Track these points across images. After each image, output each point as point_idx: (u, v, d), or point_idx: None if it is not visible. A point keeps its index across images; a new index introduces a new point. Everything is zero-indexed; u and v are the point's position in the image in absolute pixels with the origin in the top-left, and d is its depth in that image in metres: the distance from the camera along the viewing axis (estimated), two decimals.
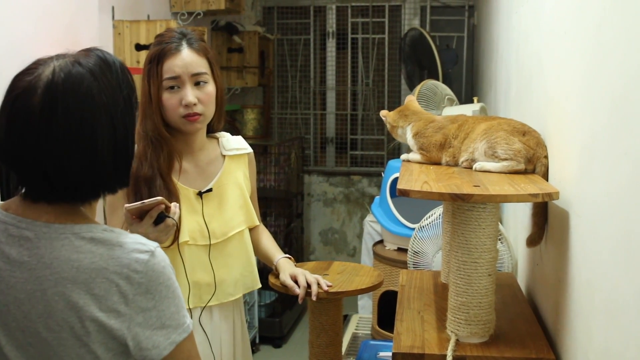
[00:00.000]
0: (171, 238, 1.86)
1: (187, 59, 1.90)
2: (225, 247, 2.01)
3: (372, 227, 4.04)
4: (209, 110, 1.96)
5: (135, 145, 1.90)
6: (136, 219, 1.70)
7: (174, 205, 1.73)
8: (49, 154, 1.18)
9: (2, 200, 1.33)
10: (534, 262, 1.96)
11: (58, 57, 1.24)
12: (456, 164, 1.88)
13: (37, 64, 1.23)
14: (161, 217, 1.70)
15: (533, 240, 1.78)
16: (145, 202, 1.67)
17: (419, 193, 1.53)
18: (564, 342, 1.52)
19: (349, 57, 6.05)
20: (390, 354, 2.68)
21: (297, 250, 5.60)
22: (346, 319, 3.76)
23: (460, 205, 1.56)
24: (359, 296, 4.07)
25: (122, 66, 1.31)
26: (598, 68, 1.30)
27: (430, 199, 1.53)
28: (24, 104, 1.19)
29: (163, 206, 1.69)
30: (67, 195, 1.24)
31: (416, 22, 5.78)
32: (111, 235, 1.24)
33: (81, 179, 1.22)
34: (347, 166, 6.13)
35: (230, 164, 2.08)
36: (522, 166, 1.72)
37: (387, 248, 3.44)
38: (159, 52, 1.90)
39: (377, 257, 3.42)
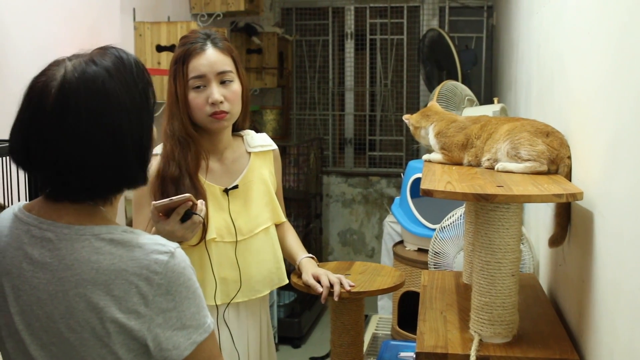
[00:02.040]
0: (198, 236, 1.87)
1: (212, 57, 1.92)
2: (251, 243, 2.02)
3: (392, 227, 4.03)
4: (235, 109, 1.97)
5: (162, 145, 1.92)
6: (163, 217, 1.71)
7: (200, 203, 1.74)
8: (66, 152, 1.19)
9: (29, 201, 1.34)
10: (557, 262, 1.95)
11: (72, 57, 1.25)
12: (478, 164, 1.88)
13: (52, 66, 1.24)
14: (188, 214, 1.71)
15: (555, 241, 1.78)
16: (172, 199, 1.68)
17: (443, 193, 1.53)
18: (588, 343, 1.52)
19: (368, 58, 6.04)
20: (411, 354, 2.69)
21: (315, 251, 5.60)
22: (366, 319, 3.77)
23: (484, 206, 1.56)
24: (379, 296, 4.07)
25: (137, 62, 1.31)
26: (622, 67, 1.30)
27: (454, 199, 1.53)
28: (38, 105, 1.20)
29: (190, 203, 1.70)
30: (87, 192, 1.25)
31: (435, 23, 5.77)
32: (131, 236, 1.24)
33: (99, 175, 1.23)
34: (366, 167, 6.13)
35: (255, 160, 2.09)
36: (544, 167, 1.72)
37: (407, 249, 3.44)
38: (184, 52, 1.92)
39: (398, 257, 3.42)
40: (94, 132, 1.20)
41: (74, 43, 2.88)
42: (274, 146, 2.16)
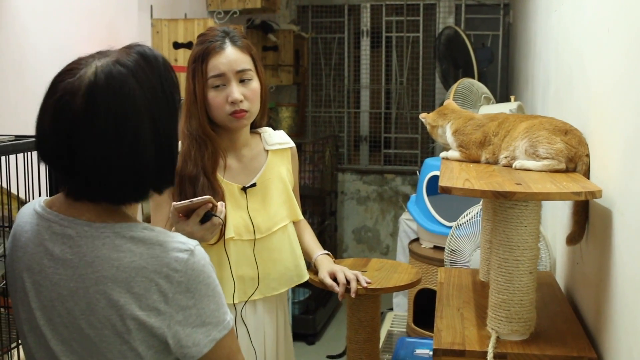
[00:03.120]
0: (217, 235, 1.88)
1: (231, 56, 1.92)
2: (269, 241, 2.03)
3: (407, 225, 4.03)
4: (255, 107, 1.97)
5: (180, 144, 1.93)
6: (183, 217, 1.72)
7: (220, 204, 1.75)
8: (91, 155, 1.19)
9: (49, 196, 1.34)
10: (574, 261, 1.95)
11: (100, 55, 1.24)
12: (496, 162, 1.88)
13: (79, 64, 1.23)
14: (208, 216, 1.72)
15: (573, 239, 1.78)
16: (193, 201, 1.69)
17: (461, 190, 1.53)
18: (606, 341, 1.51)
19: (383, 56, 6.04)
20: (427, 351, 2.69)
21: (330, 248, 5.61)
22: (381, 316, 3.77)
23: (502, 203, 1.56)
24: (394, 294, 4.08)
25: (165, 62, 1.30)
26: None
27: (473, 196, 1.54)
28: (66, 105, 1.19)
29: (210, 205, 1.71)
30: (109, 195, 1.25)
31: (451, 21, 5.77)
32: (151, 234, 1.25)
33: (124, 179, 1.23)
34: (381, 165, 6.13)
35: (273, 158, 2.09)
36: (562, 165, 1.71)
37: (423, 246, 3.44)
38: (203, 51, 1.92)
39: (413, 255, 3.42)
40: (119, 135, 1.19)
41: (91, 41, 2.90)
42: (292, 144, 2.16)
